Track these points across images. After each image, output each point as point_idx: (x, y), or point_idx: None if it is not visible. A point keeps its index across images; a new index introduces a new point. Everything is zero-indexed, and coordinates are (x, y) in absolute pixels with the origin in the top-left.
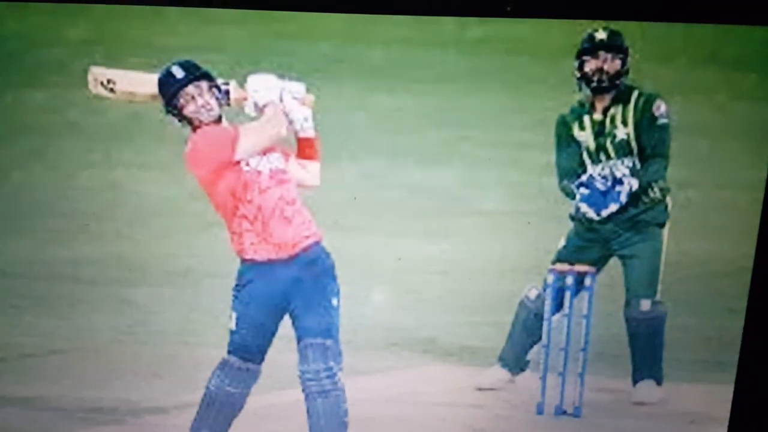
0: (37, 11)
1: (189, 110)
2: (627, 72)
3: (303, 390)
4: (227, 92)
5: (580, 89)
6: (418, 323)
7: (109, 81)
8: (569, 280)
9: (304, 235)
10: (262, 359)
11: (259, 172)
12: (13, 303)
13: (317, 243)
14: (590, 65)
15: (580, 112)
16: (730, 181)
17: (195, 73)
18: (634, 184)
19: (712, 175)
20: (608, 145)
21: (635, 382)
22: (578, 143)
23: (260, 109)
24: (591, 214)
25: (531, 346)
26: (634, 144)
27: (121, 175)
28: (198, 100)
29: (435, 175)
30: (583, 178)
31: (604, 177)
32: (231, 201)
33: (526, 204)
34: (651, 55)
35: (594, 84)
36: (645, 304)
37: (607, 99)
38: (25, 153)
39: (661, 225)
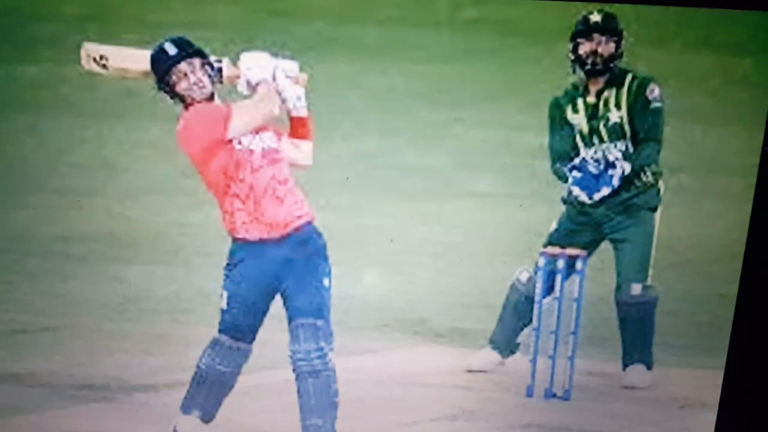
0: None
1: (181, 87)
2: (621, 55)
3: (294, 370)
4: (220, 70)
5: (574, 72)
6: (410, 305)
7: (101, 57)
8: (560, 264)
9: (296, 215)
10: (253, 338)
11: (252, 151)
12: (5, 279)
13: (309, 223)
14: (584, 48)
15: (573, 94)
16: (722, 167)
17: (188, 50)
18: (627, 167)
19: (704, 160)
20: (601, 128)
21: (625, 366)
22: (571, 126)
23: (253, 88)
24: (583, 197)
25: (521, 329)
26: (627, 127)
27: (113, 151)
28: (190, 77)
29: (428, 156)
30: (576, 161)
31: (596, 160)
32: (223, 179)
33: (518, 187)
34: (645, 39)
35: (588, 67)
36: (636, 289)
37: (600, 82)
38: (17, 128)
39: (653, 209)
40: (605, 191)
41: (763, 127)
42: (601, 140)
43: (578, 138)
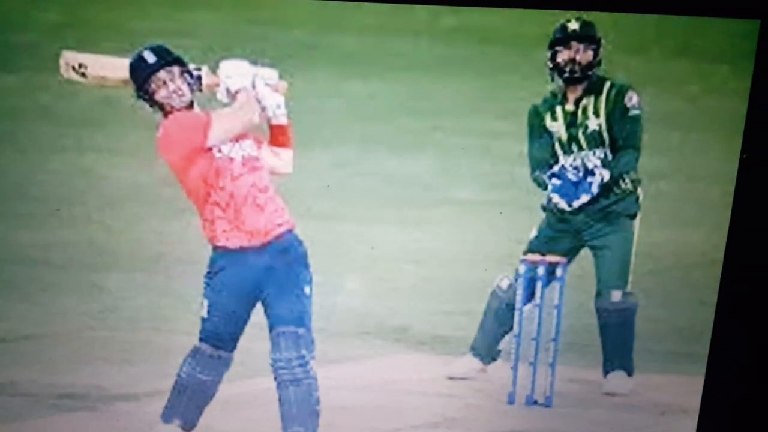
0: None
1: (160, 95)
2: (599, 63)
3: (275, 378)
4: (199, 78)
5: (553, 80)
6: (391, 312)
7: (80, 65)
8: (541, 271)
9: (277, 223)
10: (234, 347)
11: (232, 159)
12: None
13: (290, 231)
14: (563, 56)
15: (552, 102)
16: (701, 173)
17: (167, 59)
18: (606, 175)
19: (683, 166)
20: (580, 135)
21: (606, 372)
22: (550, 134)
23: (232, 96)
24: (562, 204)
25: (502, 336)
26: (605, 135)
27: (92, 160)
28: (170, 85)
29: (408, 163)
30: (555, 168)
31: (575, 168)
32: (203, 187)
33: (498, 194)
34: (623, 46)
35: (566, 74)
36: (616, 295)
37: (579, 90)
38: None
39: (632, 216)
40: (584, 198)
41: (741, 133)
42: (580, 148)
43: (557, 145)
